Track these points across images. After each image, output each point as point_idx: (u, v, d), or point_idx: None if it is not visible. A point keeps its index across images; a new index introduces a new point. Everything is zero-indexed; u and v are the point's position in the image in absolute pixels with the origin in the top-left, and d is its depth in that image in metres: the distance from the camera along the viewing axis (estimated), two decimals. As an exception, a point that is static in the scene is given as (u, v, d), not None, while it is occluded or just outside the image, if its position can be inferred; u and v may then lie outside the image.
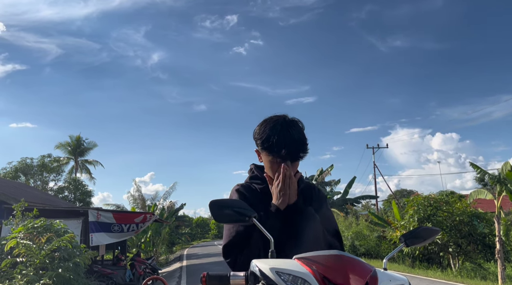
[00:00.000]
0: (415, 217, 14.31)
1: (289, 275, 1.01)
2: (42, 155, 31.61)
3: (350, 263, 1.05)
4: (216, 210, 1.23)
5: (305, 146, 1.62)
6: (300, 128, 1.66)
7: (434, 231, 1.40)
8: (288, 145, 1.55)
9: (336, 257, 1.05)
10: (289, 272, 1.01)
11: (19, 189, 17.27)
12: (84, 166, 39.98)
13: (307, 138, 1.65)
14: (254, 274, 1.08)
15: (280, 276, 1.01)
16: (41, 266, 8.09)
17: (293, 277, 1.00)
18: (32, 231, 8.57)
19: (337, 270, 1.01)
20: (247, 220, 1.21)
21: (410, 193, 48.86)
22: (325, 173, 31.72)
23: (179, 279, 13.43)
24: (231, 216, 1.22)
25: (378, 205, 33.27)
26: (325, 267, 1.02)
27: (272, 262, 1.06)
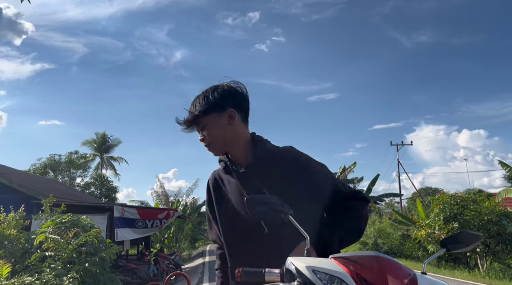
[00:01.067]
0: (440, 216, 13.98)
1: (325, 274, 0.98)
2: (69, 152, 32.50)
3: (388, 264, 1.01)
4: (252, 206, 1.21)
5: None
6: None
7: (476, 237, 1.33)
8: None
9: (373, 258, 1.02)
10: (326, 271, 0.98)
11: (48, 184, 17.76)
12: (109, 163, 40.80)
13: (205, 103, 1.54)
14: (290, 272, 1.07)
15: (317, 275, 0.98)
16: (68, 260, 8.26)
17: (329, 276, 0.97)
18: (60, 226, 8.77)
19: (374, 271, 0.98)
20: (283, 218, 1.19)
21: (435, 191, 47.78)
22: (348, 170, 31.33)
23: (202, 275, 13.55)
24: (267, 213, 1.20)
25: (402, 203, 32.72)
26: (362, 267, 0.99)
27: (308, 260, 1.04)
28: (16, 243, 8.62)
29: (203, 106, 1.54)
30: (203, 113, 1.53)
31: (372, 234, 17.42)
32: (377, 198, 31.77)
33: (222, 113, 1.53)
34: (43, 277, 7.20)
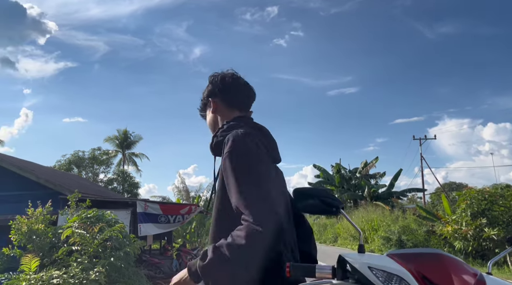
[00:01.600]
0: (468, 212, 13.59)
1: (383, 271, 0.90)
2: (92, 148, 33.10)
3: (452, 263, 0.92)
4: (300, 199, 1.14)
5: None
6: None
7: None
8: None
9: (435, 256, 0.93)
10: (384, 269, 0.90)
11: (73, 180, 18.13)
12: (131, 159, 41.39)
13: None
14: (343, 268, 0.99)
15: (373, 272, 0.90)
16: (94, 255, 8.36)
17: (387, 274, 0.89)
18: (85, 221, 8.89)
19: (437, 270, 0.89)
20: (334, 211, 1.11)
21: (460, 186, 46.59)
22: (370, 165, 30.93)
23: (224, 270, 13.58)
24: (317, 207, 1.13)
25: (425, 198, 32.10)
26: (423, 265, 0.91)
27: (363, 256, 0.96)
28: (44, 237, 8.78)
29: (201, 102, 1.79)
30: (201, 108, 1.81)
31: (396, 231, 17.10)
32: (400, 194, 31.26)
33: (207, 104, 1.71)
34: (70, 271, 7.31)
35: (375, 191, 30.17)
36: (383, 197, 29.48)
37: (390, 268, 0.90)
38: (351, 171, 33.88)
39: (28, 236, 8.59)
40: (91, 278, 7.41)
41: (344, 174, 32.93)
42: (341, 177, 32.17)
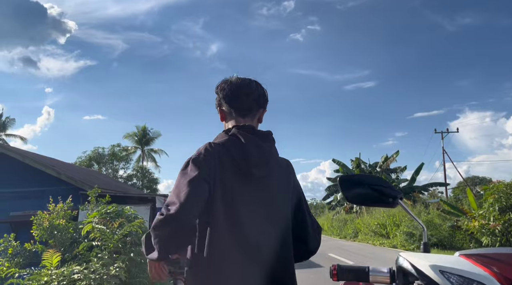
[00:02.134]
0: (495, 206, 13.09)
1: (459, 276, 0.70)
2: (112, 145, 33.49)
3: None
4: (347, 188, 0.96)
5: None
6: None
7: None
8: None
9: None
10: (460, 273, 0.71)
11: (93, 176, 18.32)
12: (150, 155, 41.81)
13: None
14: (404, 271, 0.80)
15: (446, 277, 0.71)
16: (114, 250, 8.34)
17: (466, 280, 0.70)
18: (105, 216, 8.89)
19: None
20: (391, 202, 0.93)
21: (483, 181, 45.34)
22: (390, 159, 30.32)
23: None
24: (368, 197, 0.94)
25: (447, 193, 31.32)
26: (506, 266, 0.71)
27: (430, 257, 0.77)
28: (65, 232, 8.84)
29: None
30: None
31: (419, 226, 16.69)
32: (422, 188, 30.55)
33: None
34: (90, 266, 7.31)
35: (396, 186, 29.60)
36: (404, 191, 28.82)
37: (469, 272, 0.70)
38: (371, 166, 33.28)
39: (49, 231, 8.66)
40: (112, 273, 7.39)
41: (364, 169, 32.39)
42: (361, 172, 31.63)
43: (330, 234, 35.66)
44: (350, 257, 14.51)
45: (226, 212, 1.44)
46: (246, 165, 1.45)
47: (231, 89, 1.60)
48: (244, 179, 1.46)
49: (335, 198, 35.01)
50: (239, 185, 1.46)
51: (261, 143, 1.50)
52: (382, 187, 0.94)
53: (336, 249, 18.10)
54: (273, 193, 1.51)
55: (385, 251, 17.02)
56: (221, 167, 1.45)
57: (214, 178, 1.44)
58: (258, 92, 1.63)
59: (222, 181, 1.44)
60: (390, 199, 0.94)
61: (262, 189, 1.49)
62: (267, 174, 1.49)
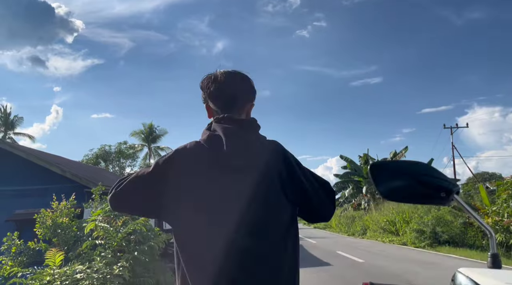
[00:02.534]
0: (509, 202, 12.74)
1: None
2: (118, 142, 33.45)
3: None
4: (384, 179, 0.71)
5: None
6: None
7: None
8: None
9: None
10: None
11: (99, 174, 18.20)
12: (156, 153, 41.79)
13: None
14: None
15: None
16: (118, 249, 8.20)
17: None
18: (109, 214, 8.74)
19: None
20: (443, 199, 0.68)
21: (493, 176, 44.66)
22: (399, 155, 29.89)
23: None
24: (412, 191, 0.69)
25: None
26: None
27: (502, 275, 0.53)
28: (69, 231, 8.71)
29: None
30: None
31: (429, 222, 16.30)
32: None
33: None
34: (93, 265, 7.15)
35: (405, 182, 29.15)
36: (413, 188, 28.51)
37: None
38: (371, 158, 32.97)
39: (52, 229, 8.53)
40: (115, 273, 7.22)
41: (372, 165, 31.90)
42: (369, 168, 31.13)
43: (338, 231, 35.33)
44: (360, 254, 14.21)
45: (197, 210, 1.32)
46: (223, 156, 1.34)
47: (215, 87, 1.53)
48: (222, 172, 1.34)
49: (343, 194, 34.62)
50: (216, 180, 1.34)
51: (240, 131, 1.40)
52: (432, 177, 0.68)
53: (344, 247, 17.81)
54: (257, 181, 1.35)
55: (395, 248, 16.69)
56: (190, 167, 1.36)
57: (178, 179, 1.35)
58: (243, 88, 1.55)
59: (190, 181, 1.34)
60: (442, 193, 0.69)
61: (244, 178, 1.34)
62: (248, 163, 1.35)
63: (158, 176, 1.37)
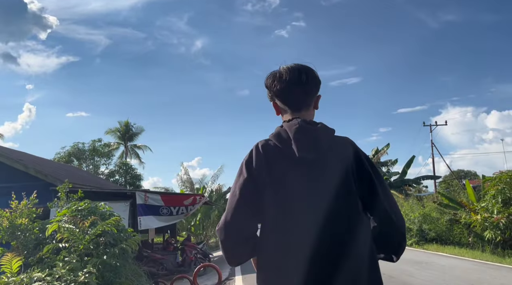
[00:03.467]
0: (498, 198, 12.41)
1: None
2: (93, 140, 32.12)
3: None
4: None
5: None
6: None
7: None
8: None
9: None
10: None
11: (68, 171, 17.10)
12: (133, 151, 40.80)
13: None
14: None
15: None
16: (85, 252, 7.43)
17: None
18: (76, 214, 7.94)
19: None
20: None
21: (468, 174, 45.69)
22: (381, 152, 29.68)
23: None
24: None
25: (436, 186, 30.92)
26: None
27: None
28: (29, 233, 7.84)
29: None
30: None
31: (416, 219, 15.88)
32: (413, 181, 30.05)
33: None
34: (55, 272, 6.32)
35: (387, 179, 28.95)
36: (396, 185, 28.23)
37: None
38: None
39: (10, 232, 7.63)
40: (80, 280, 6.42)
41: (354, 162, 31.66)
42: (351, 166, 30.83)
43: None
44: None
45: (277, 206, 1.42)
46: (295, 150, 1.43)
47: (281, 85, 1.56)
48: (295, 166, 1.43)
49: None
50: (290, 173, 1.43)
51: (308, 126, 1.47)
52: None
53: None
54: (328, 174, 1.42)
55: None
56: (268, 162, 1.45)
57: (264, 176, 1.44)
58: (309, 84, 1.57)
59: (272, 176, 1.43)
60: None
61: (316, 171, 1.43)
62: (319, 156, 1.43)
63: (255, 180, 1.44)
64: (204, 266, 9.12)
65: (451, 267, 9.88)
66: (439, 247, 14.17)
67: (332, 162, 1.42)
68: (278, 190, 1.40)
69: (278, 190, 1.40)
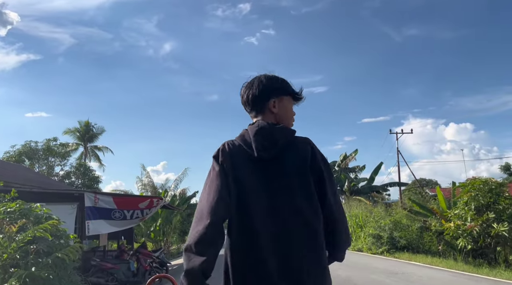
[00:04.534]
0: (471, 205, 12.00)
1: None
2: (47, 139, 29.92)
3: None
4: None
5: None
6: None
7: None
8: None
9: None
10: None
11: (13, 171, 15.43)
12: (93, 152, 38.86)
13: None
14: None
15: None
16: (10, 263, 6.21)
17: None
18: (4, 217, 6.69)
19: None
20: None
21: (429, 183, 46.64)
22: (349, 158, 29.40)
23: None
24: None
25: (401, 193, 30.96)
26: None
27: None
28: None
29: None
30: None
31: (387, 227, 15.32)
32: (381, 188, 29.92)
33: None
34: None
35: (355, 185, 28.66)
36: (363, 191, 27.98)
37: None
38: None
39: None
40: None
41: (321, 168, 31.18)
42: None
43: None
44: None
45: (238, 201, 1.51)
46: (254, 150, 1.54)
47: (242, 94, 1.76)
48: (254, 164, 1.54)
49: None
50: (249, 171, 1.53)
51: (267, 127, 1.58)
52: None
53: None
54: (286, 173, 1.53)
55: (352, 255, 15.51)
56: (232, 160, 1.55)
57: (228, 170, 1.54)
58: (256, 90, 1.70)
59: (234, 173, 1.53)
60: None
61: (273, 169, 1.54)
62: (276, 155, 1.54)
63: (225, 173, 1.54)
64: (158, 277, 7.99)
65: (430, 278, 9.27)
66: (412, 256, 13.64)
67: (288, 160, 1.54)
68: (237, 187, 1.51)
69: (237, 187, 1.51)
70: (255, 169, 1.51)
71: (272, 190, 1.47)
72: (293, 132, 1.62)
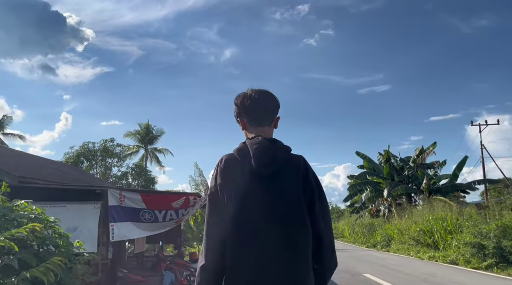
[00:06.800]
0: None
1: None
2: (104, 140, 29.71)
3: None
4: None
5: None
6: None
7: None
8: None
9: None
10: None
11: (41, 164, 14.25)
12: (154, 155, 38.96)
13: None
14: None
15: None
16: None
17: None
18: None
19: None
20: None
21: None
22: (427, 152, 25.58)
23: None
24: None
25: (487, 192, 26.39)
26: None
27: None
28: None
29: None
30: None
31: (492, 233, 11.92)
32: (466, 186, 25.64)
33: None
34: None
35: (435, 183, 24.81)
36: (445, 190, 24.01)
37: None
38: (402, 160, 28.46)
39: None
40: None
41: (394, 164, 27.57)
42: (391, 167, 26.75)
43: (353, 241, 31.05)
44: (403, 281, 9.90)
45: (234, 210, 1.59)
46: (254, 165, 1.60)
47: (251, 104, 1.78)
48: (252, 179, 1.61)
49: (359, 199, 30.12)
50: (247, 186, 1.60)
51: (267, 144, 1.65)
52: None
53: (371, 266, 13.51)
54: (281, 187, 1.62)
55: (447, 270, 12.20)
56: (230, 177, 1.64)
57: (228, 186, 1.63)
58: (273, 104, 1.82)
59: (232, 187, 1.62)
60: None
61: (270, 185, 1.61)
62: (274, 171, 1.62)
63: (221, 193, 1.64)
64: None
65: None
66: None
67: (284, 177, 1.64)
68: (235, 201, 1.59)
69: (235, 201, 1.59)
70: (252, 185, 1.59)
71: (268, 207, 1.58)
72: (290, 149, 1.73)
